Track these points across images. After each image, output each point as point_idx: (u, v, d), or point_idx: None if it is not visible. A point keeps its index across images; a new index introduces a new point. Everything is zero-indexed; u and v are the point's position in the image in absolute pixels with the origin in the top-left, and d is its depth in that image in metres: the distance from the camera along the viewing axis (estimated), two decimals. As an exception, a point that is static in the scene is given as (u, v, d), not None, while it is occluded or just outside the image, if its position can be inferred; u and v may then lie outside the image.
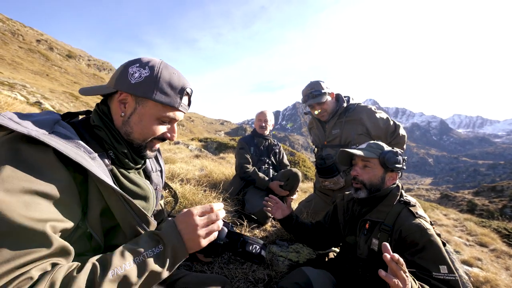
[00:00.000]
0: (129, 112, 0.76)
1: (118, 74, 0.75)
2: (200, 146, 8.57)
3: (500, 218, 9.73)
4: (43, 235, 0.53)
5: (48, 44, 35.65)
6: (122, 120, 0.77)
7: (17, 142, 0.58)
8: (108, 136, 0.76)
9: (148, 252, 0.62)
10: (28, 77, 18.34)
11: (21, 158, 0.56)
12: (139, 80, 0.73)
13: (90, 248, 0.72)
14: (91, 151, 0.67)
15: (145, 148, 0.82)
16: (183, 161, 4.55)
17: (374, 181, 1.23)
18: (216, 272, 1.57)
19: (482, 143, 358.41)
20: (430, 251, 1.01)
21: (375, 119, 2.15)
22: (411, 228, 1.06)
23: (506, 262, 4.12)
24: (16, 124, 0.58)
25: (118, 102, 0.76)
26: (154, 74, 0.74)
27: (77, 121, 0.78)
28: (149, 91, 0.73)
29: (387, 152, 1.22)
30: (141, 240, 0.66)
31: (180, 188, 2.33)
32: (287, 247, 2.03)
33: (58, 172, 0.60)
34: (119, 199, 0.68)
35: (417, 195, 34.39)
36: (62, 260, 0.57)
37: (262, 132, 2.93)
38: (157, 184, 0.97)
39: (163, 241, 0.66)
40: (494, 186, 27.37)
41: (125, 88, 0.74)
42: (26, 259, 0.50)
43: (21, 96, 8.03)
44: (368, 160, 1.25)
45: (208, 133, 48.50)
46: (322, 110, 2.26)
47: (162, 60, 0.80)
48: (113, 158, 0.77)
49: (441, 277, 0.98)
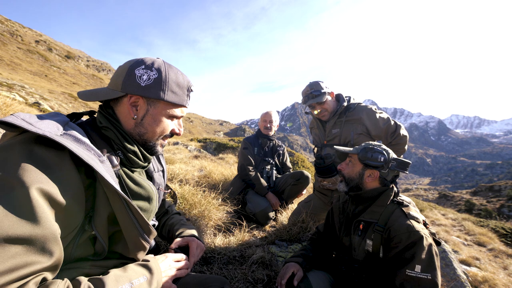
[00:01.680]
0: (142, 114, 0.78)
1: (125, 77, 0.75)
2: (199, 147, 8.57)
3: (498, 218, 9.78)
4: (48, 245, 0.53)
5: (47, 45, 35.53)
6: (135, 122, 0.78)
7: (30, 143, 0.57)
8: (117, 137, 0.77)
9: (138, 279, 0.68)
10: (27, 78, 18.26)
11: (35, 159, 0.55)
12: (149, 82, 0.75)
13: (93, 252, 0.72)
14: (100, 154, 0.68)
15: (156, 146, 0.85)
16: (182, 162, 4.54)
17: (352, 175, 1.31)
18: (216, 273, 1.58)
19: (479, 143, 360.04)
20: (412, 250, 1.02)
21: (375, 119, 2.15)
22: (400, 229, 1.07)
23: (504, 261, 4.14)
24: (30, 125, 0.57)
25: (129, 105, 0.76)
26: (162, 75, 0.76)
27: (84, 122, 0.78)
28: (160, 92, 0.76)
29: (364, 148, 1.28)
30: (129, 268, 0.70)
31: (179, 189, 2.33)
32: (286, 247, 2.04)
33: (72, 175, 0.60)
34: (124, 206, 0.69)
35: (416, 195, 34.46)
36: (52, 274, 0.56)
37: (267, 132, 2.92)
38: (159, 184, 0.98)
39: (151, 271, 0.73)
40: (492, 186, 27.51)
41: (135, 91, 0.74)
42: (29, 270, 0.49)
43: (20, 97, 8.00)
44: (350, 156, 1.35)
45: (207, 133, 48.45)
46: (323, 109, 2.26)
47: (162, 59, 0.81)
48: (121, 158, 0.77)
49: (413, 274, 0.99)
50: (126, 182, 0.78)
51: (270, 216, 2.55)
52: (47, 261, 0.52)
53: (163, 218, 1.15)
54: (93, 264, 0.73)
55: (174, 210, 1.23)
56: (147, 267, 0.73)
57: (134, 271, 0.69)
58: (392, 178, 1.28)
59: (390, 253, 1.08)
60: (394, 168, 1.25)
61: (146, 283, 0.68)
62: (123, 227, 0.71)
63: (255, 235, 2.31)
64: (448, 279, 2.18)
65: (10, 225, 0.47)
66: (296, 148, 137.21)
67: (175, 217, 1.16)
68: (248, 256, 1.78)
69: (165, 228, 1.12)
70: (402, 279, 1.01)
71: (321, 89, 2.22)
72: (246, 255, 1.81)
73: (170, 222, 1.12)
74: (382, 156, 1.24)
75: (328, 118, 2.29)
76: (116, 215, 0.70)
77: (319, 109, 2.26)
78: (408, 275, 0.99)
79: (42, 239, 0.51)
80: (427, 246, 1.02)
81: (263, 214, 2.52)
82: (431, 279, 0.98)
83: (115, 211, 0.69)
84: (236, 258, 1.78)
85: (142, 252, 0.80)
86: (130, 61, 0.78)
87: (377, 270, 1.13)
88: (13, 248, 0.47)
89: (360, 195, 1.27)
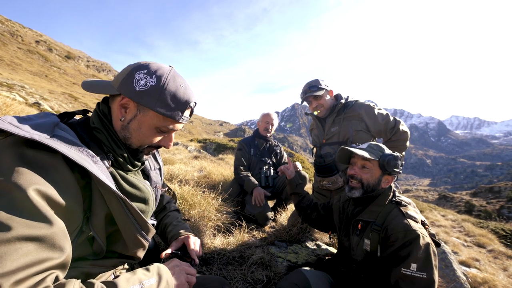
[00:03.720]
0: (129, 118, 0.76)
1: (124, 77, 0.73)
2: (199, 147, 8.57)
3: (497, 219, 9.78)
4: (59, 241, 0.53)
5: (47, 45, 35.56)
6: (121, 125, 0.76)
7: (19, 147, 0.56)
8: (107, 139, 0.76)
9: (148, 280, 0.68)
10: (27, 78, 18.27)
11: (27, 161, 0.54)
12: (144, 88, 0.72)
13: (91, 252, 0.72)
14: (93, 155, 0.67)
15: (141, 153, 0.84)
16: (182, 162, 4.54)
17: (371, 182, 1.26)
18: (215, 273, 1.57)
19: (479, 144, 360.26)
20: (407, 248, 1.01)
21: (374, 114, 2.14)
22: (397, 228, 1.07)
23: (504, 262, 4.14)
24: (17, 128, 0.56)
25: (119, 105, 0.75)
26: (160, 85, 0.73)
27: (75, 122, 0.76)
28: (151, 101, 0.72)
29: (388, 155, 1.24)
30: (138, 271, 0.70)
31: (179, 189, 2.33)
32: (286, 248, 2.04)
33: (67, 176, 0.60)
34: (121, 205, 0.68)
35: (416, 196, 34.47)
36: (62, 272, 0.56)
37: (265, 134, 2.92)
38: (156, 183, 0.97)
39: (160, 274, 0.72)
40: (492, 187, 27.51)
41: (128, 94, 0.72)
42: (44, 266, 0.50)
43: (20, 97, 8.00)
44: (368, 161, 1.27)
45: (207, 134, 48.45)
46: (319, 105, 2.26)
47: (172, 68, 0.78)
48: (112, 161, 0.76)
49: (408, 273, 0.98)
50: (121, 183, 0.77)
51: (269, 217, 2.55)
52: (60, 256, 0.53)
53: (160, 215, 1.16)
54: (92, 264, 0.73)
55: (173, 206, 1.22)
56: (155, 269, 0.73)
57: (143, 273, 0.69)
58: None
59: (386, 251, 1.08)
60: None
61: (156, 284, 0.68)
62: (120, 226, 0.71)
63: (254, 235, 2.31)
64: (448, 280, 2.18)
65: (16, 226, 0.47)
66: (296, 149, 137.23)
67: (171, 215, 1.16)
68: (248, 257, 1.78)
69: (160, 228, 1.12)
70: (397, 277, 1.00)
71: (319, 85, 2.23)
72: (246, 255, 1.81)
73: (164, 222, 1.12)
74: (399, 162, 1.24)
75: (325, 114, 2.29)
76: (113, 214, 0.70)
77: (315, 104, 2.26)
78: (403, 274, 0.99)
79: (52, 235, 0.52)
80: (423, 245, 1.01)
81: (262, 215, 2.52)
82: (426, 278, 0.97)
83: (112, 211, 0.69)
84: (236, 258, 1.78)
85: (142, 250, 0.80)
86: (138, 63, 0.76)
87: (375, 270, 1.13)
88: (25, 247, 0.48)
89: (368, 196, 1.26)
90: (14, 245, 0.46)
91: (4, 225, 0.46)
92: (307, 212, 1.67)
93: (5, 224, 0.46)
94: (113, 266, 0.80)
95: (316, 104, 2.27)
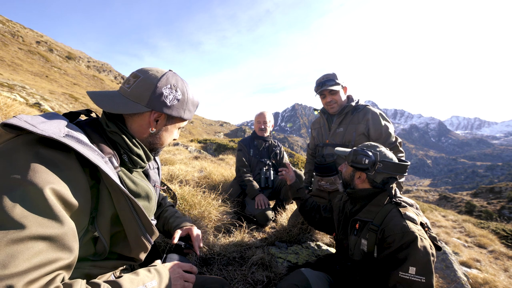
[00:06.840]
0: (159, 128, 0.86)
1: (152, 93, 0.78)
2: (199, 148, 8.57)
3: (498, 219, 9.76)
4: (69, 242, 0.53)
5: (47, 46, 35.63)
6: (150, 133, 0.85)
7: (34, 145, 0.57)
8: (124, 141, 0.79)
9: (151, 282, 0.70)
10: (28, 78, 18.31)
11: (43, 160, 0.55)
12: (174, 102, 0.83)
13: (93, 253, 0.73)
14: (103, 155, 0.69)
15: (161, 149, 0.95)
16: (182, 163, 4.54)
17: (346, 177, 1.36)
18: (215, 274, 1.57)
19: (480, 144, 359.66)
20: (405, 251, 0.99)
21: (380, 124, 2.11)
22: (394, 229, 1.04)
23: (505, 263, 4.13)
24: (33, 127, 0.57)
25: (151, 119, 0.82)
26: (185, 97, 0.87)
27: (82, 122, 0.78)
28: (180, 112, 0.86)
29: (359, 152, 1.27)
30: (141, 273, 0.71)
31: (179, 190, 2.33)
32: (286, 248, 2.04)
33: (80, 175, 0.61)
34: (128, 205, 0.70)
35: (416, 196, 34.42)
36: (68, 273, 0.56)
37: (262, 134, 2.90)
38: (155, 181, 1.01)
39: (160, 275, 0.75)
40: (492, 187, 27.45)
41: (161, 109, 0.81)
42: (55, 266, 0.50)
43: (21, 97, 8.02)
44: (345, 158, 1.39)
45: (207, 134, 48.46)
46: (333, 100, 2.21)
47: (179, 76, 0.89)
48: (125, 160, 0.81)
49: (407, 277, 0.95)
50: (126, 182, 0.80)
51: (269, 217, 2.55)
52: (69, 257, 0.54)
53: (157, 211, 1.19)
54: (92, 265, 0.73)
55: (168, 202, 1.27)
56: (157, 271, 0.75)
57: (146, 275, 0.71)
58: (384, 180, 1.23)
59: (383, 253, 1.06)
60: (381, 171, 1.21)
61: (157, 286, 0.71)
62: (125, 226, 0.73)
63: (255, 236, 2.31)
64: (449, 281, 2.17)
65: (30, 224, 0.48)
66: (296, 149, 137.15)
67: (169, 209, 1.21)
68: (248, 257, 1.78)
69: (160, 221, 1.16)
70: (395, 281, 0.98)
71: (336, 79, 2.19)
72: (246, 256, 1.81)
73: (164, 215, 1.17)
74: (367, 159, 1.22)
75: (336, 111, 2.25)
76: (120, 214, 0.71)
77: (329, 99, 2.21)
78: (401, 277, 0.96)
79: (63, 235, 0.52)
80: (422, 248, 0.98)
81: (262, 215, 2.52)
82: (425, 282, 0.94)
83: (118, 211, 0.71)
84: (236, 259, 1.78)
85: (143, 253, 0.81)
86: (151, 75, 0.79)
87: (372, 270, 1.12)
88: (37, 246, 0.48)
89: (352, 194, 1.30)
90: (27, 244, 0.47)
91: (18, 223, 0.47)
92: (311, 215, 1.69)
93: (19, 222, 0.47)
94: (113, 267, 0.80)
95: (330, 99, 2.21)
